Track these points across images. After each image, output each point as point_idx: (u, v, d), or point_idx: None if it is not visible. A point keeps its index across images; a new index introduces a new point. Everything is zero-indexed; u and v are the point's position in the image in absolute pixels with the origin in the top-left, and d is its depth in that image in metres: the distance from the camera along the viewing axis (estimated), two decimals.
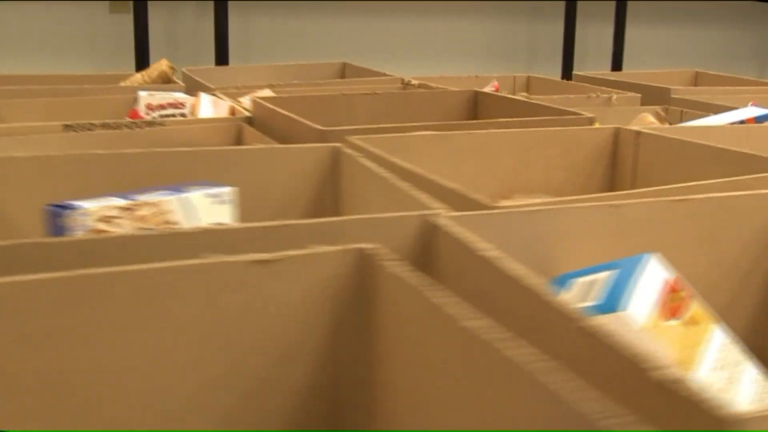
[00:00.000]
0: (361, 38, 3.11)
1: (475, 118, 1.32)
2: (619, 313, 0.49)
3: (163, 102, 1.42)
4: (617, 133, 1.02)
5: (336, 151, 0.84)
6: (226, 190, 0.76)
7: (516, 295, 0.42)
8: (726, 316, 0.71)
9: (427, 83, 1.51)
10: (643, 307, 0.50)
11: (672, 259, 0.66)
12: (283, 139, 1.02)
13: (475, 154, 0.94)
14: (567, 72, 3.12)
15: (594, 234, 0.61)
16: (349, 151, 0.82)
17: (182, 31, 2.85)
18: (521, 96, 1.33)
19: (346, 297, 0.50)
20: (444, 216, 0.55)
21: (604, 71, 2.45)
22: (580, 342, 0.36)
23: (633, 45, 3.50)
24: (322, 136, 0.91)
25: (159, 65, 1.61)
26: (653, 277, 0.52)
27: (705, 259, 0.68)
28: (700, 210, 0.66)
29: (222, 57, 2.64)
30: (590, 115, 1.06)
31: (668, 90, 1.52)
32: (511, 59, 3.38)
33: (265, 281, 0.49)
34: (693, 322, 0.52)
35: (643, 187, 0.77)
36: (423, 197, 0.61)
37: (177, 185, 0.76)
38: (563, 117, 1.03)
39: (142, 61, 2.52)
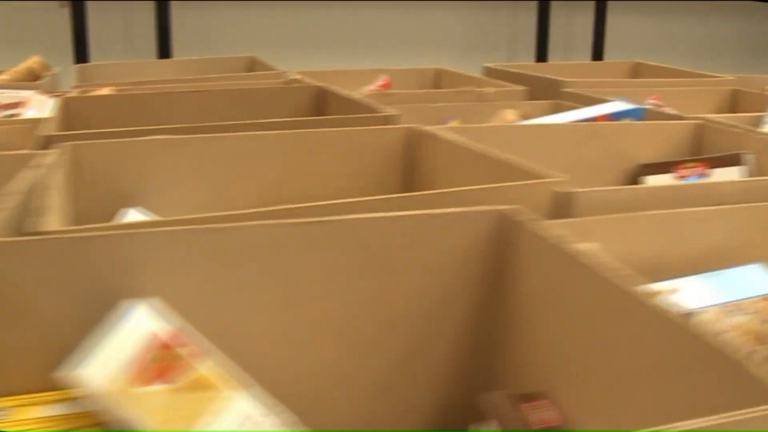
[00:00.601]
0: (340, 30, 3.01)
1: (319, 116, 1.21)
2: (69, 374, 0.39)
3: (11, 101, 1.34)
4: (411, 135, 0.90)
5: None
6: None
7: None
8: (412, 362, 0.60)
9: (305, 79, 1.40)
10: (105, 368, 0.39)
11: (309, 294, 0.56)
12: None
13: (227, 160, 0.83)
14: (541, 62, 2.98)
15: (182, 264, 0.50)
16: (49, 160, 0.73)
17: (139, 24, 2.78)
18: (366, 92, 1.22)
19: None
20: None
21: (531, 63, 2.31)
22: None
23: (619, 35, 3.33)
24: (51, 143, 0.82)
25: (28, 61, 1.53)
26: (134, 330, 0.41)
27: (359, 293, 0.57)
28: (342, 234, 0.55)
29: (164, 51, 2.56)
30: (392, 113, 0.95)
31: (560, 83, 1.39)
32: (490, 50, 3.24)
33: None
34: (195, 387, 0.41)
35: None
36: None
37: None
38: (350, 116, 0.92)
39: (81, 56, 2.46)
